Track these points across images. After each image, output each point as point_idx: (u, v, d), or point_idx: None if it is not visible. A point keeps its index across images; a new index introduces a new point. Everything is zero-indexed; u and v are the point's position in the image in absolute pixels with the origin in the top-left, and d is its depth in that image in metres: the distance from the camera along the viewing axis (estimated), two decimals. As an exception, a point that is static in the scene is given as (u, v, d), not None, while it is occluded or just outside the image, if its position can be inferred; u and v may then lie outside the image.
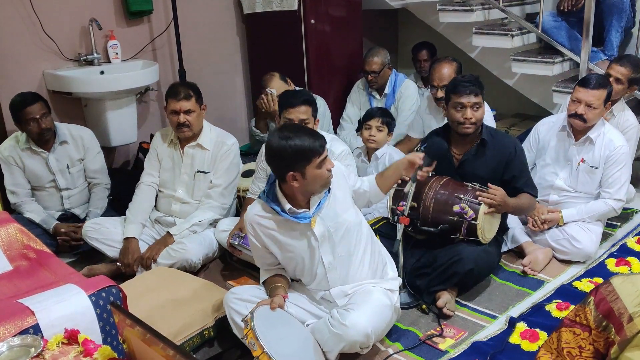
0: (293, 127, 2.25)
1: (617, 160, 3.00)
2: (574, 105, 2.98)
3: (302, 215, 2.18)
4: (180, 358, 1.30)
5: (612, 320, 1.55)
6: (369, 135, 3.42)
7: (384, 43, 4.84)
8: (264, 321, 2.03)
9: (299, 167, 2.09)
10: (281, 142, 2.09)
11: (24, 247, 2.29)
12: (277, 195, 2.21)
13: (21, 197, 3.29)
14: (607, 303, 1.57)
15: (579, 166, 3.06)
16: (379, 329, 2.21)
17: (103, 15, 3.78)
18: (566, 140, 3.11)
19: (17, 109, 3.13)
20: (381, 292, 2.29)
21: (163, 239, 3.05)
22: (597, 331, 1.58)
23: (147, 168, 3.24)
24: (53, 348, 1.66)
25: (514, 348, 2.34)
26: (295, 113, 2.79)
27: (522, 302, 2.69)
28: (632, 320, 1.51)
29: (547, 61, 3.97)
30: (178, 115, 3.00)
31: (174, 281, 2.67)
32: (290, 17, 4.16)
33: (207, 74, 4.44)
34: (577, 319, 1.62)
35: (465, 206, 2.62)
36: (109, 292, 1.94)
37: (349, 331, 2.10)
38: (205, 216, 3.11)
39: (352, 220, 2.29)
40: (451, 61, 3.40)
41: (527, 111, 4.87)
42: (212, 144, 3.15)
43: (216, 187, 3.15)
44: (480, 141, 2.78)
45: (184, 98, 2.99)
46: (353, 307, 2.19)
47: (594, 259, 3.01)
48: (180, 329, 2.31)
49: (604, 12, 3.91)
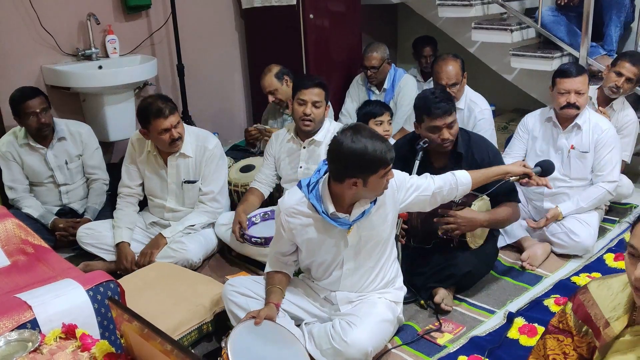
0: (366, 130, 2.05)
1: (607, 143, 3.03)
2: (564, 97, 2.99)
3: (342, 220, 2.14)
4: (178, 353, 1.30)
5: (590, 325, 1.55)
6: (384, 130, 3.40)
7: (383, 38, 4.85)
8: (242, 343, 1.97)
9: (363, 174, 2.02)
10: (352, 145, 1.99)
11: (22, 242, 2.28)
12: (322, 194, 2.15)
13: (19, 193, 3.29)
14: (584, 308, 1.56)
15: (570, 153, 3.08)
16: (379, 346, 2.21)
17: (101, 10, 3.77)
18: (553, 130, 3.13)
19: (17, 103, 3.12)
20: (385, 306, 2.27)
21: (155, 241, 3.01)
22: (579, 337, 1.57)
23: (125, 180, 3.15)
24: (51, 343, 1.65)
25: (512, 343, 2.34)
26: (308, 94, 2.85)
27: (520, 297, 2.69)
28: (609, 325, 1.50)
29: (546, 56, 3.97)
30: (170, 131, 2.90)
31: (172, 276, 2.67)
32: (288, 12, 4.15)
33: (206, 68, 4.43)
34: (560, 325, 1.62)
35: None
36: (107, 287, 1.94)
37: (349, 349, 2.09)
38: (199, 220, 3.10)
39: (384, 235, 2.26)
40: (455, 58, 3.37)
41: (526, 106, 4.85)
42: (193, 149, 3.07)
43: (208, 194, 3.11)
44: (454, 154, 2.71)
45: (170, 113, 2.88)
46: (355, 321, 2.16)
47: (592, 253, 3.01)
48: (179, 324, 2.31)
49: (603, 6, 3.91)
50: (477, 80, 3.97)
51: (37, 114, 3.13)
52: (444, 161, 2.74)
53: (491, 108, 3.53)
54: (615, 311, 1.51)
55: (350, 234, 2.18)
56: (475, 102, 3.44)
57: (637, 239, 1.38)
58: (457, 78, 3.30)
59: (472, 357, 2.25)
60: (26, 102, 3.10)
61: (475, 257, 2.65)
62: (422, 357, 2.30)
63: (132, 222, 3.11)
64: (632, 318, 1.49)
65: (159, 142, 2.97)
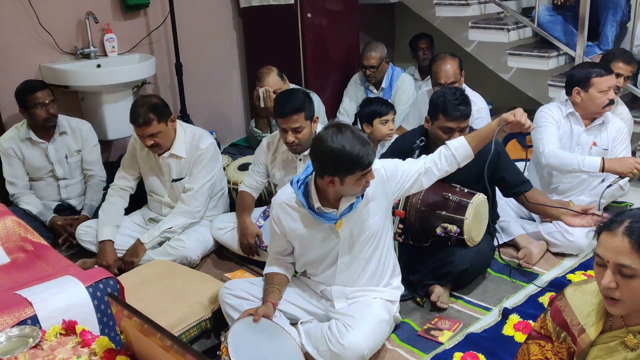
0: (349, 131, 2.06)
1: (622, 140, 3.11)
2: (606, 95, 2.98)
3: (329, 215, 2.16)
4: (178, 348, 1.31)
5: (567, 331, 1.56)
6: (389, 129, 3.41)
7: (381, 37, 4.86)
8: (241, 337, 2.01)
9: (339, 174, 2.04)
10: (331, 145, 2.01)
11: (22, 239, 2.29)
12: (310, 189, 2.18)
13: (20, 189, 3.31)
14: (561, 314, 1.57)
15: (591, 150, 3.10)
16: (375, 348, 2.23)
17: (99, 9, 3.78)
18: (574, 127, 3.12)
19: (25, 94, 3.17)
20: (381, 306, 2.28)
21: (134, 249, 2.97)
22: (558, 342, 1.58)
23: (123, 170, 3.18)
24: (51, 339, 1.67)
25: (507, 339, 2.36)
26: (286, 123, 2.71)
27: (516, 294, 2.71)
28: (585, 331, 1.51)
29: (542, 55, 3.99)
30: (144, 139, 2.92)
31: (171, 274, 2.68)
32: (286, 11, 4.16)
33: (204, 67, 4.44)
34: (542, 330, 1.63)
35: (447, 225, 2.59)
36: (107, 284, 1.95)
37: (346, 352, 2.10)
38: (176, 222, 3.05)
39: (377, 227, 2.26)
40: (453, 57, 3.39)
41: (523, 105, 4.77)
42: (186, 150, 3.06)
43: (188, 191, 3.08)
44: None
45: (143, 124, 2.86)
46: (352, 323, 2.18)
47: (587, 252, 3.03)
48: (178, 321, 2.33)
49: (599, 6, 3.93)
50: (474, 79, 3.99)
51: (45, 105, 3.18)
52: None
53: (488, 107, 3.55)
54: (590, 317, 1.52)
55: (340, 227, 2.20)
56: (473, 100, 3.41)
57: (602, 248, 1.40)
58: (455, 77, 3.33)
59: (468, 353, 2.27)
60: (35, 93, 3.16)
61: (472, 255, 2.66)
62: (418, 354, 2.32)
63: (119, 219, 3.11)
64: (608, 324, 1.50)
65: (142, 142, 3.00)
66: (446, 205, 2.61)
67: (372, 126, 3.44)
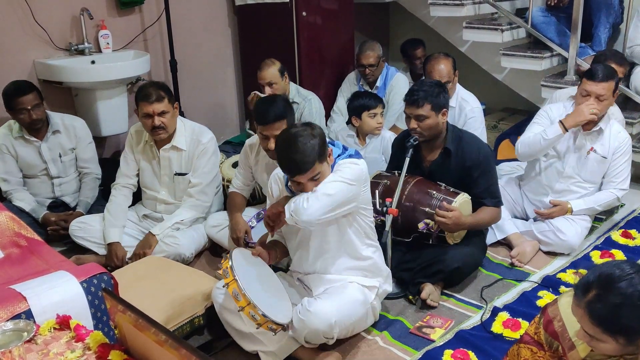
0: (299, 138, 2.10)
1: (625, 152, 3.06)
2: (584, 99, 2.97)
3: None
4: (172, 342, 1.32)
5: (559, 341, 1.57)
6: (377, 122, 3.50)
7: (375, 36, 4.87)
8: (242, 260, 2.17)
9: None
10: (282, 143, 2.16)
11: (15, 234, 2.29)
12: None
13: (13, 185, 3.30)
14: (552, 326, 1.58)
15: (589, 155, 3.06)
16: (345, 322, 2.20)
17: (94, 5, 3.77)
18: (573, 129, 3.07)
19: (10, 98, 3.13)
20: (356, 288, 2.29)
21: (146, 241, 3.01)
22: (550, 351, 1.59)
23: (123, 168, 3.19)
24: (45, 333, 1.68)
25: (496, 336, 2.39)
26: (269, 130, 2.67)
27: (508, 292, 2.73)
28: (575, 347, 1.51)
29: (536, 56, 4.02)
30: (152, 118, 2.93)
31: (164, 270, 2.69)
32: (281, 9, 4.16)
33: (199, 65, 4.44)
34: (536, 336, 1.64)
35: (429, 222, 2.63)
36: (101, 279, 1.96)
37: (312, 318, 2.10)
38: (187, 215, 3.10)
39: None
40: (446, 57, 3.41)
41: (516, 105, 4.91)
42: (187, 143, 3.09)
43: (196, 186, 3.12)
44: (444, 150, 2.76)
45: (156, 100, 2.90)
46: (323, 297, 2.22)
47: (578, 251, 3.06)
48: (171, 317, 2.33)
49: (592, 8, 3.95)
50: (468, 79, 4.00)
51: (28, 111, 3.14)
52: (434, 157, 2.79)
53: (482, 107, 3.57)
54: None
55: None
56: (466, 100, 3.48)
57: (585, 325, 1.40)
58: (449, 76, 3.35)
59: (458, 350, 2.29)
60: (18, 99, 3.11)
61: (463, 254, 2.69)
62: (409, 351, 2.34)
63: (124, 219, 3.13)
64: None
65: (144, 126, 3.03)
66: (430, 202, 2.64)
67: (360, 119, 3.51)
